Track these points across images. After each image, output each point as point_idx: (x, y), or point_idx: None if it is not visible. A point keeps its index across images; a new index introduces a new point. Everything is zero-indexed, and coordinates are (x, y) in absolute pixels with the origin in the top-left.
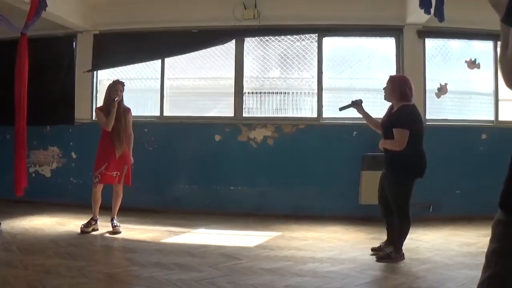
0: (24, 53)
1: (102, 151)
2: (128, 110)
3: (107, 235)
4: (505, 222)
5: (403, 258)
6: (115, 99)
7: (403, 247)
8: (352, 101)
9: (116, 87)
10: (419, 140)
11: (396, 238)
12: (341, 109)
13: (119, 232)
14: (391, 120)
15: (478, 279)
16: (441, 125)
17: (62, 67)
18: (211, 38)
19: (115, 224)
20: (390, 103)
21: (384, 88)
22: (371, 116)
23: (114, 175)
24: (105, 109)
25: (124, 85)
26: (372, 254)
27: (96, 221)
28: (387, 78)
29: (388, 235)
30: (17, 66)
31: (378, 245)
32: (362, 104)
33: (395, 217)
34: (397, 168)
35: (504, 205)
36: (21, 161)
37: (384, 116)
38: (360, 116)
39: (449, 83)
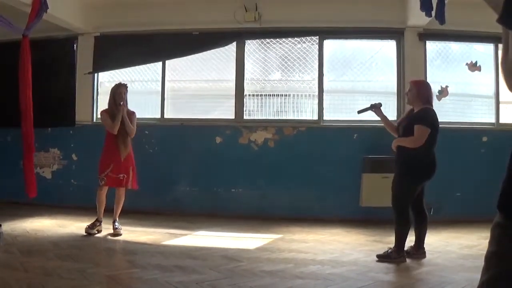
0: (27, 56)
1: (107, 154)
2: (132, 112)
3: (108, 237)
4: (503, 225)
5: (404, 261)
6: (121, 103)
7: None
8: (371, 104)
9: (119, 90)
10: (433, 144)
11: (395, 239)
12: (359, 112)
13: (120, 234)
14: (414, 118)
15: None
16: (441, 128)
17: (63, 69)
18: (212, 40)
19: (116, 226)
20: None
21: (407, 93)
22: (389, 120)
23: (121, 178)
24: (109, 112)
25: (127, 88)
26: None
27: (100, 222)
28: (411, 82)
29: (416, 237)
30: (21, 69)
31: (406, 249)
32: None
33: (425, 221)
34: (409, 169)
35: (503, 208)
36: (31, 163)
37: (401, 118)
38: (361, 118)
39: (450, 86)
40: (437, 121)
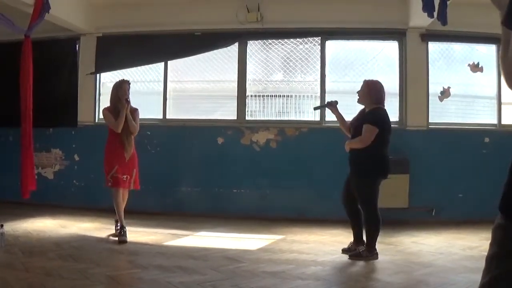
0: (29, 56)
1: (111, 154)
2: (135, 109)
3: (110, 237)
4: (504, 226)
5: (376, 258)
6: (127, 99)
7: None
8: (328, 102)
9: (122, 86)
10: (385, 144)
11: (366, 238)
12: (315, 108)
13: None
14: (364, 118)
15: None
16: (444, 129)
17: (65, 70)
18: (214, 41)
19: (118, 227)
20: (361, 107)
21: (358, 92)
22: (344, 119)
23: (125, 179)
24: (112, 110)
25: (130, 84)
26: (343, 253)
27: (125, 227)
28: (362, 82)
29: (354, 235)
30: (22, 69)
31: (347, 246)
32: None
33: (362, 217)
34: (362, 169)
35: (504, 209)
36: (27, 163)
37: (353, 119)
38: None
39: (452, 87)
40: (387, 121)
